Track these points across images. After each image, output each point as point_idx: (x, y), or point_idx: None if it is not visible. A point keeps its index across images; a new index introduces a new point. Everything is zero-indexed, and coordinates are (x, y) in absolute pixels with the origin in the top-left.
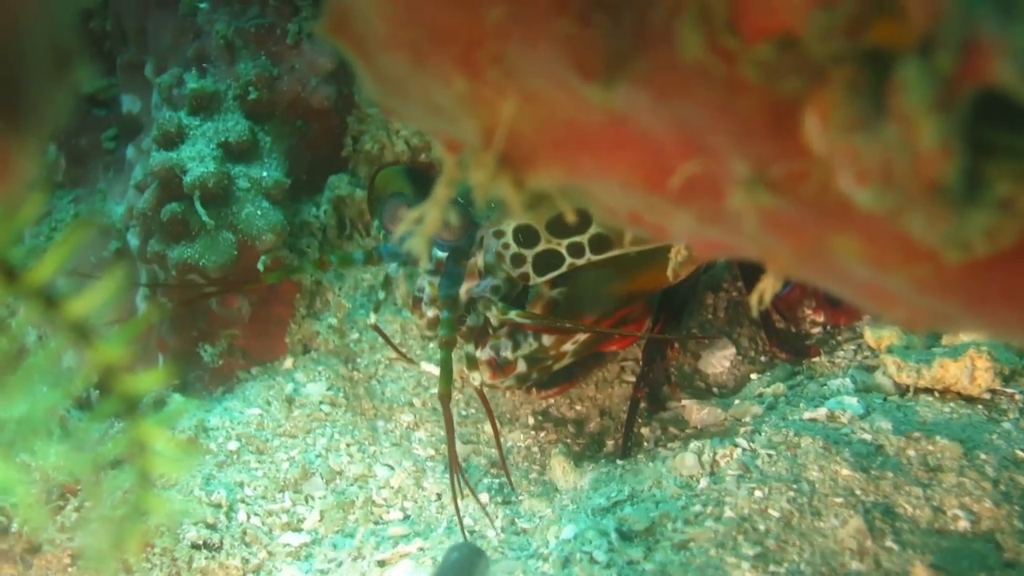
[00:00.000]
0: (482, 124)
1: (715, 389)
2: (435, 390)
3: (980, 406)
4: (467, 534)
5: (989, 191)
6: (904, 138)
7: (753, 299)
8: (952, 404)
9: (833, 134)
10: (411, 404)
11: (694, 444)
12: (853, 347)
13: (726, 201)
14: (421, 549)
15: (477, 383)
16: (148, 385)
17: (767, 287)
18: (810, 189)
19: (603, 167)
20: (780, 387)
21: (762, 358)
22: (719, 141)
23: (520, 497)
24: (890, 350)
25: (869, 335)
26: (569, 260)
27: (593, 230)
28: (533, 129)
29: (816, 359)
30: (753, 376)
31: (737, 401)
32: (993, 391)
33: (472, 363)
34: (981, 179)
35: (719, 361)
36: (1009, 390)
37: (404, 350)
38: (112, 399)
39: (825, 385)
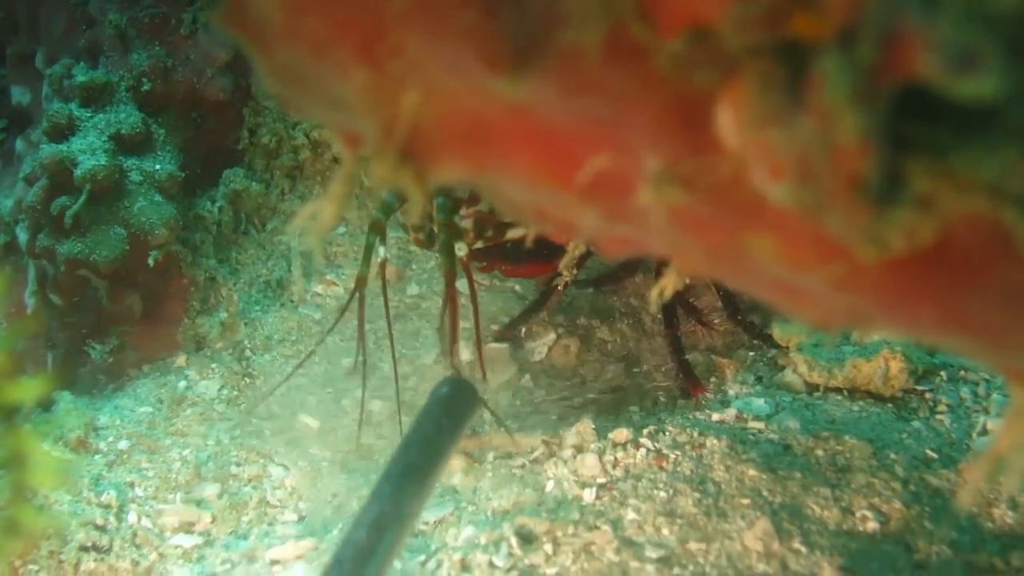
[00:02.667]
0: (383, 117)
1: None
2: (332, 388)
3: (890, 404)
4: None
5: (908, 188)
6: (821, 133)
7: (653, 294)
8: (862, 403)
9: (746, 128)
10: (306, 403)
11: (595, 445)
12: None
13: (635, 197)
14: (316, 550)
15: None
16: (28, 394)
17: (668, 284)
18: (722, 185)
19: (508, 162)
20: None
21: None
22: (629, 135)
23: None
24: (800, 348)
25: (778, 332)
26: None
27: None
28: (436, 122)
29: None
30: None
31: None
32: (905, 391)
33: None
34: (899, 175)
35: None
36: (921, 387)
37: (298, 348)
38: None
39: (733, 385)
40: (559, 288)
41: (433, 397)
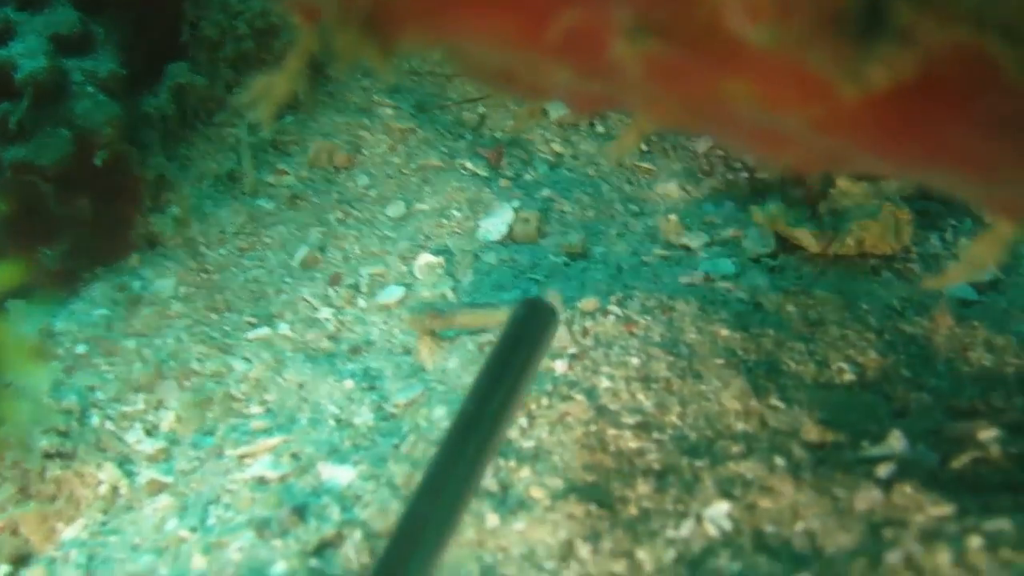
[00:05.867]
0: None
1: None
2: (290, 278)
3: (858, 259)
4: (334, 420)
5: (889, 21)
6: None
7: (612, 152)
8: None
9: None
10: (264, 294)
11: (563, 315)
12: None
13: (608, 51)
14: (285, 442)
15: None
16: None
17: (629, 139)
18: (698, 32)
19: (476, 24)
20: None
21: None
22: None
23: (387, 379)
24: (789, 224)
25: (759, 214)
26: None
27: None
28: None
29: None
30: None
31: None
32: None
33: None
34: (879, 8)
35: None
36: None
37: (253, 240)
38: None
39: (697, 255)
40: None
41: (512, 320)
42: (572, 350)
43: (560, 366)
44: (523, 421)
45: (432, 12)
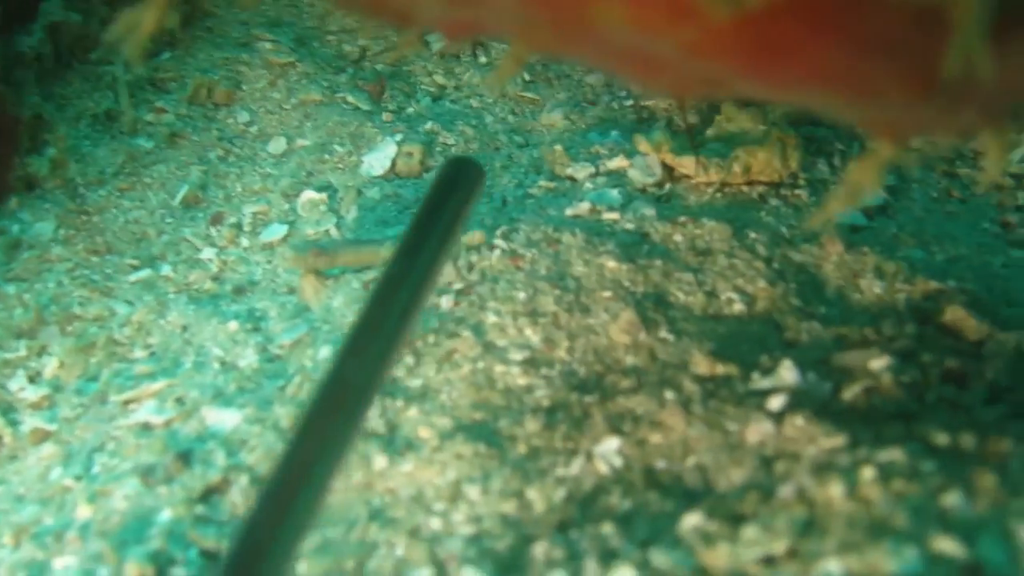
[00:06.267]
0: None
1: None
2: (171, 218)
3: (745, 187)
4: (219, 362)
5: None
6: None
7: (493, 81)
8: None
9: None
10: (145, 235)
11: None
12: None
13: None
14: (170, 386)
15: None
16: None
17: (506, 68)
18: None
19: None
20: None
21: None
22: None
23: (272, 319)
24: (674, 153)
25: (645, 143)
26: None
27: None
28: None
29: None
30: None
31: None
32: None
33: None
34: None
35: None
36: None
37: (133, 180)
38: None
39: (583, 186)
40: None
41: (438, 178)
42: (458, 285)
43: (446, 302)
44: (409, 359)
45: None
